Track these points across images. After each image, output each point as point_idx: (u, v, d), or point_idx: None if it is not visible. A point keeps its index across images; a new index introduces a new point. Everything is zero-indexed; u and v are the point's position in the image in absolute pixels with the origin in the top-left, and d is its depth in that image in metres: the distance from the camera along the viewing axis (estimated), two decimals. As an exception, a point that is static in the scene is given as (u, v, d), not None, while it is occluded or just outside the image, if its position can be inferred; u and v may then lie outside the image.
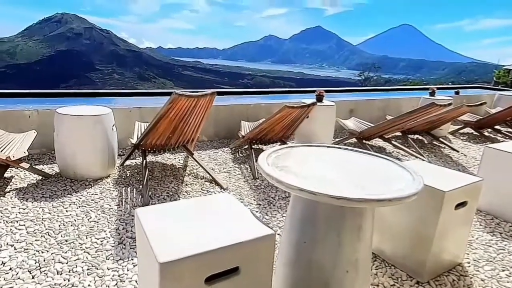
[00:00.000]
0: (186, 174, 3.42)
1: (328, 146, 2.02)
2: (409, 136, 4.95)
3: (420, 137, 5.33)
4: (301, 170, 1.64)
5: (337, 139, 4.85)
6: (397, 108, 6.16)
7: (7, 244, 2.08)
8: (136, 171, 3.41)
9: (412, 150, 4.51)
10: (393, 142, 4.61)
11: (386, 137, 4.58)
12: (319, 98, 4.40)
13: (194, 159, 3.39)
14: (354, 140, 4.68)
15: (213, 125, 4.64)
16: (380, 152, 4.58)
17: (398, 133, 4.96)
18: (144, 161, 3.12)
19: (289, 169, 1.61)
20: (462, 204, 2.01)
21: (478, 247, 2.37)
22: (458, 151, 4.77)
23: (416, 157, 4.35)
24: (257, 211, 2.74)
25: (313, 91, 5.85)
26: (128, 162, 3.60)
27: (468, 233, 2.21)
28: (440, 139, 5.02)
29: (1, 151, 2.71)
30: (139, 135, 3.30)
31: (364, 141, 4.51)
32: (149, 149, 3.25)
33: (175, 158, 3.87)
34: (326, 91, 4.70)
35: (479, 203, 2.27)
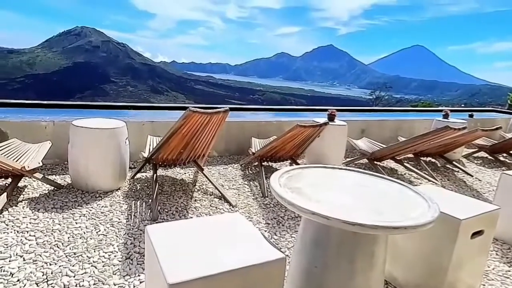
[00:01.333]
0: (196, 190, 3.42)
1: (341, 168, 2.00)
2: (422, 158, 4.88)
3: (433, 160, 5.24)
4: (313, 192, 1.62)
5: (348, 159, 4.81)
6: (410, 130, 6.10)
7: (16, 255, 2.08)
8: (146, 184, 3.42)
9: (424, 173, 4.43)
10: (405, 164, 4.54)
11: (398, 158, 4.52)
12: (331, 118, 4.39)
13: (204, 175, 3.39)
14: (365, 160, 4.64)
15: (224, 140, 4.66)
16: (392, 174, 4.52)
17: (410, 155, 4.89)
18: (155, 175, 3.13)
19: (301, 191, 1.59)
20: (478, 233, 1.94)
21: (494, 278, 2.28)
22: (472, 176, 4.67)
23: (429, 181, 4.27)
24: (265, 231, 2.71)
25: (325, 110, 5.87)
26: (138, 175, 3.62)
27: (484, 263, 2.13)
28: (454, 162, 4.93)
29: (16, 161, 2.76)
30: (151, 149, 3.33)
31: (375, 162, 4.45)
32: (160, 163, 3.27)
33: (185, 173, 3.88)
34: (338, 110, 4.69)
35: (496, 231, 2.20)
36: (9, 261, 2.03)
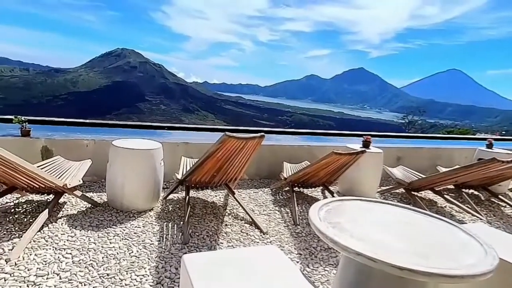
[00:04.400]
0: (226, 214, 3.39)
1: (383, 202, 1.90)
2: (463, 190, 4.58)
3: (476, 192, 4.92)
4: (355, 229, 1.54)
5: (383, 188, 4.62)
6: (449, 159, 5.80)
7: (53, 273, 2.13)
8: (178, 206, 3.44)
9: (467, 207, 4.15)
10: (445, 195, 4.28)
11: (437, 189, 4.28)
12: (366, 144, 4.27)
13: (236, 199, 3.36)
14: (401, 190, 4.43)
15: (255, 164, 4.63)
16: (431, 206, 4.27)
17: (451, 186, 4.62)
18: (187, 197, 3.15)
19: (342, 227, 1.52)
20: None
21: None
22: (521, 212, 4.31)
23: (473, 215, 3.98)
24: (297, 262, 2.61)
25: (359, 135, 5.73)
26: (170, 196, 3.66)
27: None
28: (500, 196, 4.59)
29: (59, 178, 2.88)
30: (185, 171, 3.37)
31: (413, 192, 4.24)
32: (193, 185, 3.29)
33: (216, 195, 3.87)
34: (371, 136, 4.55)
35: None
36: (47, 278, 2.07)
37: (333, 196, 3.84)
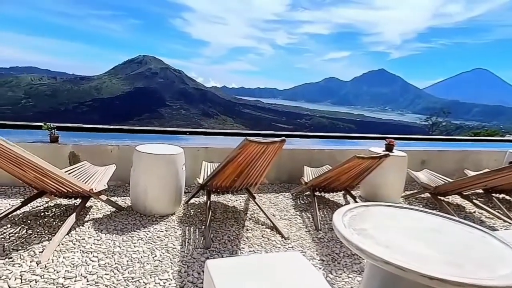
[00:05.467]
0: (247, 218, 3.39)
1: (409, 208, 1.85)
2: (493, 195, 4.38)
3: (508, 197, 4.69)
4: (381, 236, 1.50)
5: (407, 192, 4.49)
6: (477, 162, 5.57)
7: (81, 275, 2.19)
8: (199, 210, 3.47)
9: (498, 212, 3.96)
10: (474, 200, 4.11)
11: (465, 193, 4.11)
12: (389, 148, 4.16)
13: (256, 204, 3.36)
14: (427, 195, 4.29)
15: (275, 168, 4.62)
16: (459, 212, 4.11)
17: (479, 190, 4.44)
18: (208, 201, 3.17)
19: (368, 234, 1.48)
20: None
21: None
22: (558, 218, 4.07)
23: (504, 221, 3.80)
24: (320, 268, 2.56)
25: (382, 138, 5.61)
26: (191, 200, 3.70)
27: None
28: (534, 201, 4.36)
29: (86, 183, 2.97)
30: (206, 176, 3.40)
31: (439, 197, 4.10)
32: (214, 189, 3.31)
33: (236, 200, 3.88)
34: (394, 138, 4.43)
35: None
36: (75, 281, 2.13)
37: (355, 201, 3.77)
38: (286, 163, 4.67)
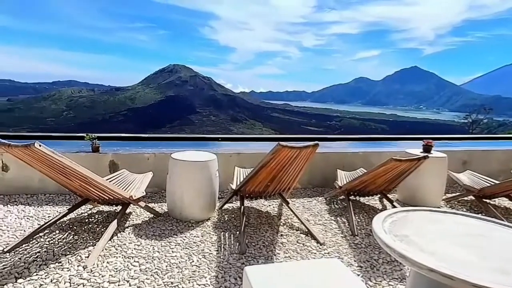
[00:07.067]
0: (281, 224, 3.38)
1: (453, 213, 1.76)
2: (547, 197, 4.06)
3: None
4: (424, 242, 1.43)
5: (448, 195, 4.27)
6: (526, 161, 5.20)
7: (124, 280, 2.28)
8: (233, 215, 3.51)
9: (553, 216, 3.67)
10: (524, 203, 3.84)
11: (513, 196, 3.85)
12: (427, 149, 3.99)
13: (290, 209, 3.34)
14: (470, 197, 4.06)
15: (307, 172, 4.56)
16: (508, 216, 3.85)
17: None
18: (242, 207, 3.20)
19: (410, 240, 1.43)
20: None
21: None
22: None
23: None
24: (358, 275, 2.50)
25: (418, 139, 5.39)
26: (225, 206, 3.75)
27: None
28: None
29: (125, 190, 3.10)
30: (239, 181, 3.44)
31: (484, 200, 3.86)
32: (247, 195, 3.33)
33: (269, 205, 3.88)
34: (432, 139, 4.23)
35: None
36: (118, 285, 2.22)
37: (392, 205, 3.64)
38: (318, 167, 4.61)
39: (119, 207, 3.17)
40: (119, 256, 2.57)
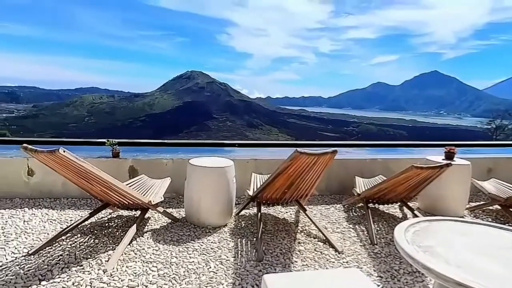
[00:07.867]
0: (298, 231, 3.34)
1: (480, 223, 1.69)
2: None
3: None
4: (450, 254, 1.38)
5: (472, 204, 4.12)
6: (555, 169, 4.96)
7: (142, 284, 2.30)
8: (250, 222, 3.50)
9: None
10: (555, 213, 3.65)
11: (543, 206, 3.67)
12: (449, 156, 3.88)
13: (307, 216, 3.30)
14: (496, 206, 3.90)
15: (325, 179, 4.51)
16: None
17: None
18: (259, 213, 3.18)
19: (435, 251, 1.38)
20: None
21: None
22: None
23: None
24: (378, 285, 2.43)
25: (439, 145, 5.25)
26: (242, 212, 3.74)
27: None
28: None
29: (144, 195, 3.14)
30: (255, 188, 3.43)
31: (511, 209, 3.70)
32: (264, 201, 3.32)
33: (286, 212, 3.85)
34: (456, 146, 4.10)
35: None
36: (137, 289, 2.25)
37: (413, 214, 3.54)
38: (336, 174, 4.55)
39: (138, 212, 3.22)
40: (138, 261, 2.61)
